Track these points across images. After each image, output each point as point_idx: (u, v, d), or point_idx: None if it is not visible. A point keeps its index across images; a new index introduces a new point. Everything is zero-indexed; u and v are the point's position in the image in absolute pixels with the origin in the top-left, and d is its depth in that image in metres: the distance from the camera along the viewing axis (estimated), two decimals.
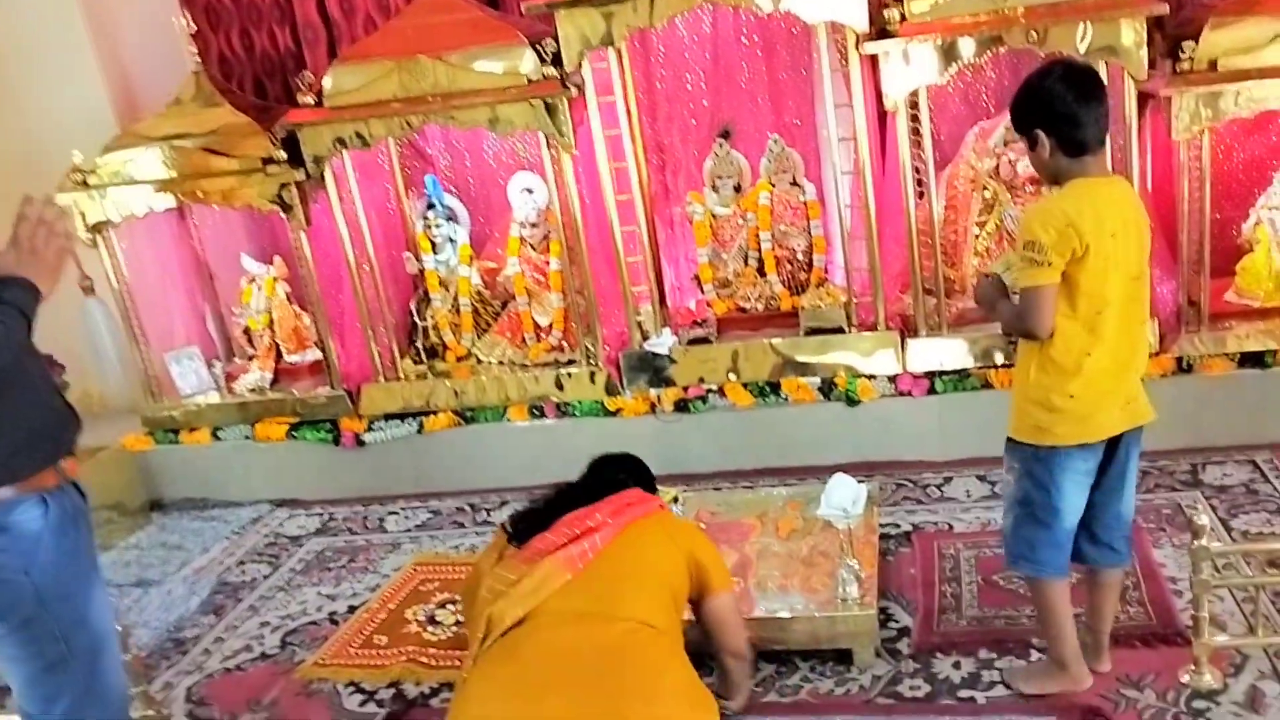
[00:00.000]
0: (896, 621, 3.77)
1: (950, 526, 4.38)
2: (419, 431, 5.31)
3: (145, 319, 5.70)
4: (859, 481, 3.94)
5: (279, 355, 5.77)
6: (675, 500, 4.26)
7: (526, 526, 3.07)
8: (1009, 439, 3.13)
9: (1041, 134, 2.87)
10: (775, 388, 5.04)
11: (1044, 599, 3.17)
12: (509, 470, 5.23)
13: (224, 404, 5.63)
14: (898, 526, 4.43)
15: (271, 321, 5.76)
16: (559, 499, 3.14)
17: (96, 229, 5.51)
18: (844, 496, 3.87)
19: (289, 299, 5.70)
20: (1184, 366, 4.68)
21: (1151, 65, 4.51)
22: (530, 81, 4.90)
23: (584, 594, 2.86)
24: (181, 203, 5.45)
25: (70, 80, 5.96)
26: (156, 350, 5.74)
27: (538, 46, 4.88)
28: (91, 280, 5.57)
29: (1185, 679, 3.24)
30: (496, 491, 5.23)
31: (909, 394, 4.90)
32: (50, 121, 5.95)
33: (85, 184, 5.46)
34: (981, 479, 4.73)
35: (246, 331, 5.82)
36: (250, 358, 5.79)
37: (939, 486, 4.73)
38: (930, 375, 4.90)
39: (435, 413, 5.33)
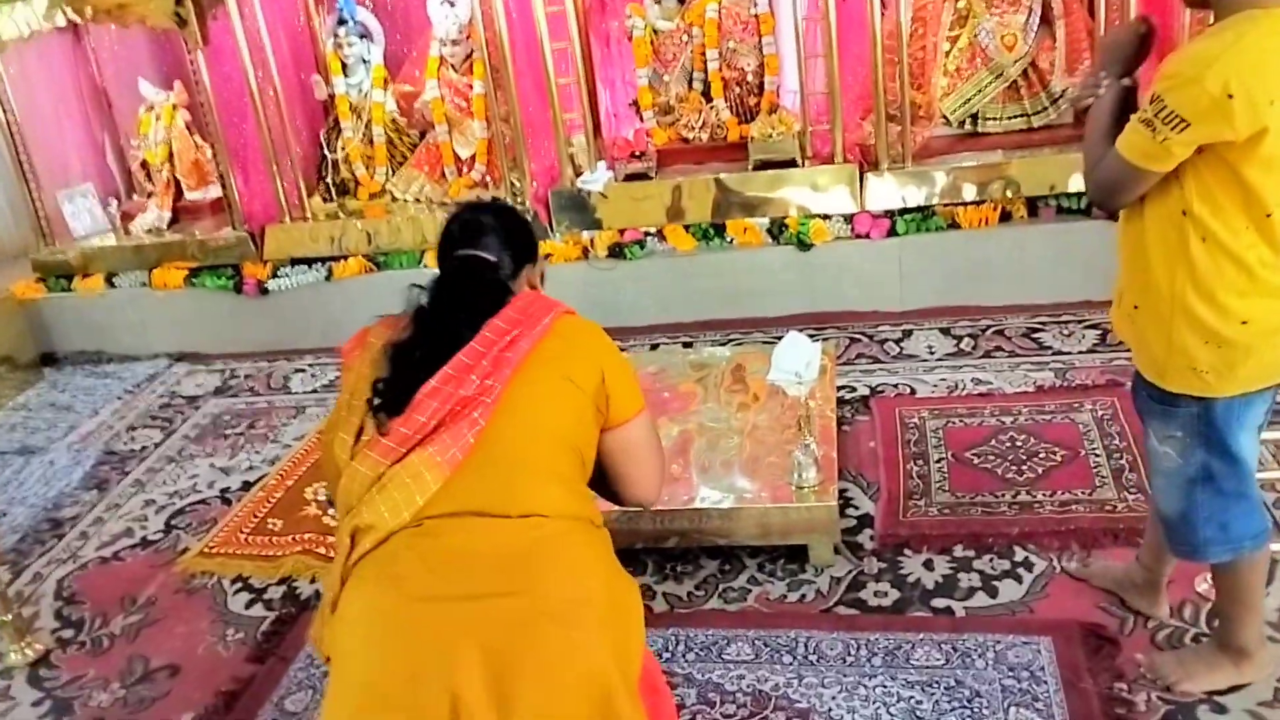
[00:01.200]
0: (856, 508, 2.94)
1: (912, 390, 3.53)
2: (327, 278, 4.38)
3: (36, 153, 4.66)
4: (812, 339, 3.10)
5: (179, 192, 4.74)
6: None
7: (390, 395, 1.93)
8: (1150, 389, 2.02)
9: None
10: (720, 230, 4.13)
11: (1240, 577, 2.12)
12: None
13: (120, 246, 4.64)
14: (853, 390, 3.57)
15: (171, 154, 4.71)
16: (426, 341, 1.90)
17: None
18: (796, 358, 2.97)
19: (189, 129, 4.63)
20: None
21: None
22: None
23: (470, 493, 1.85)
24: (70, 21, 4.32)
25: None
26: (49, 188, 4.69)
27: None
28: None
29: (1202, 588, 2.44)
30: None
31: (867, 236, 4.00)
32: None
33: None
34: (945, 333, 3.87)
35: (144, 165, 4.77)
36: (149, 195, 4.75)
37: (898, 342, 3.87)
38: (890, 214, 4.00)
39: (345, 258, 4.37)
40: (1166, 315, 1.90)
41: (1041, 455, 3.05)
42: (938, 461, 3.09)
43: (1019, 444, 3.13)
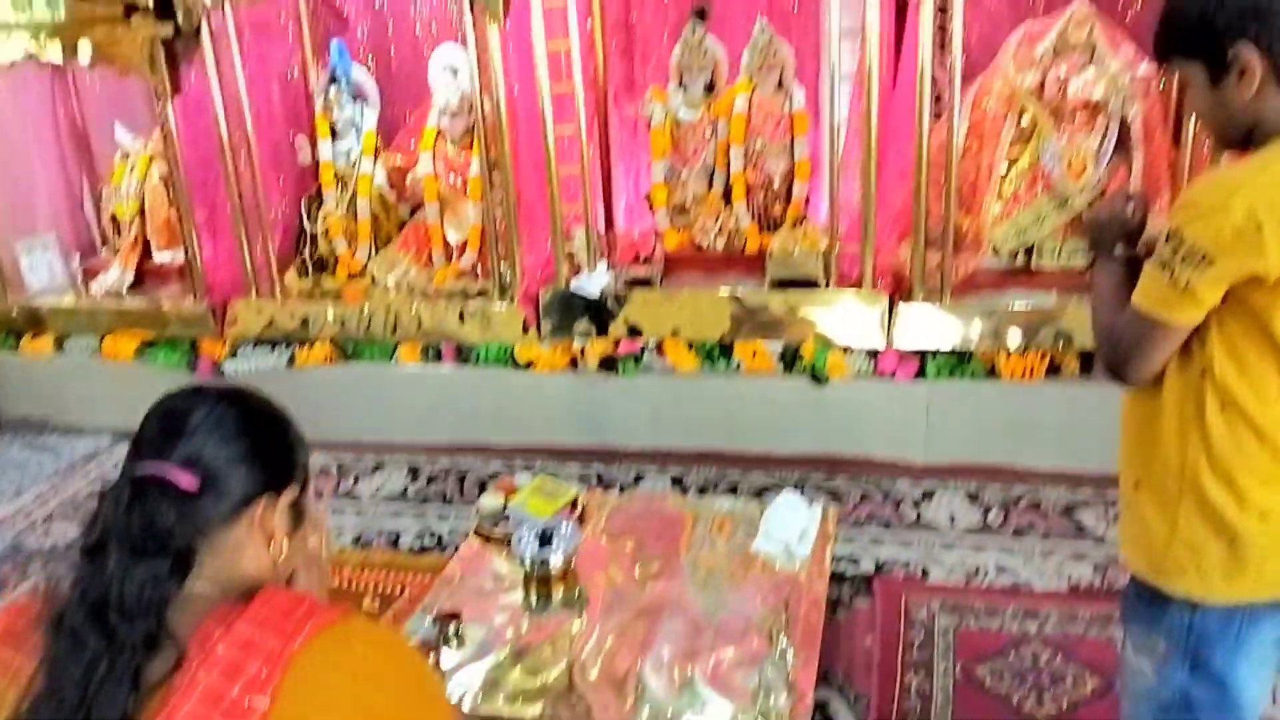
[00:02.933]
0: None
1: (925, 572, 3.04)
2: (289, 364, 4.01)
3: None
4: (811, 502, 2.70)
5: (147, 251, 4.40)
6: (574, 505, 2.90)
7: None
8: (1135, 586, 1.71)
9: (1246, 50, 1.48)
10: (727, 351, 3.70)
11: None
12: (392, 423, 3.96)
13: (74, 308, 4.31)
14: (855, 563, 3.10)
15: (143, 209, 4.37)
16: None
17: None
18: (790, 526, 2.62)
19: (166, 184, 4.29)
20: None
21: None
22: None
23: None
24: (32, 56, 4.03)
25: None
26: (8, 235, 4.39)
27: None
28: None
29: None
30: (373, 449, 3.95)
31: (891, 375, 3.56)
32: None
33: None
34: (972, 499, 3.39)
35: (114, 219, 4.44)
36: (117, 251, 4.42)
37: (916, 504, 3.39)
38: (921, 354, 3.55)
39: (312, 343, 3.99)
40: (1174, 496, 1.60)
41: (1069, 681, 2.57)
42: (943, 675, 2.61)
43: (1043, 662, 2.64)
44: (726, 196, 3.89)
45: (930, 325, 3.54)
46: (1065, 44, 3.48)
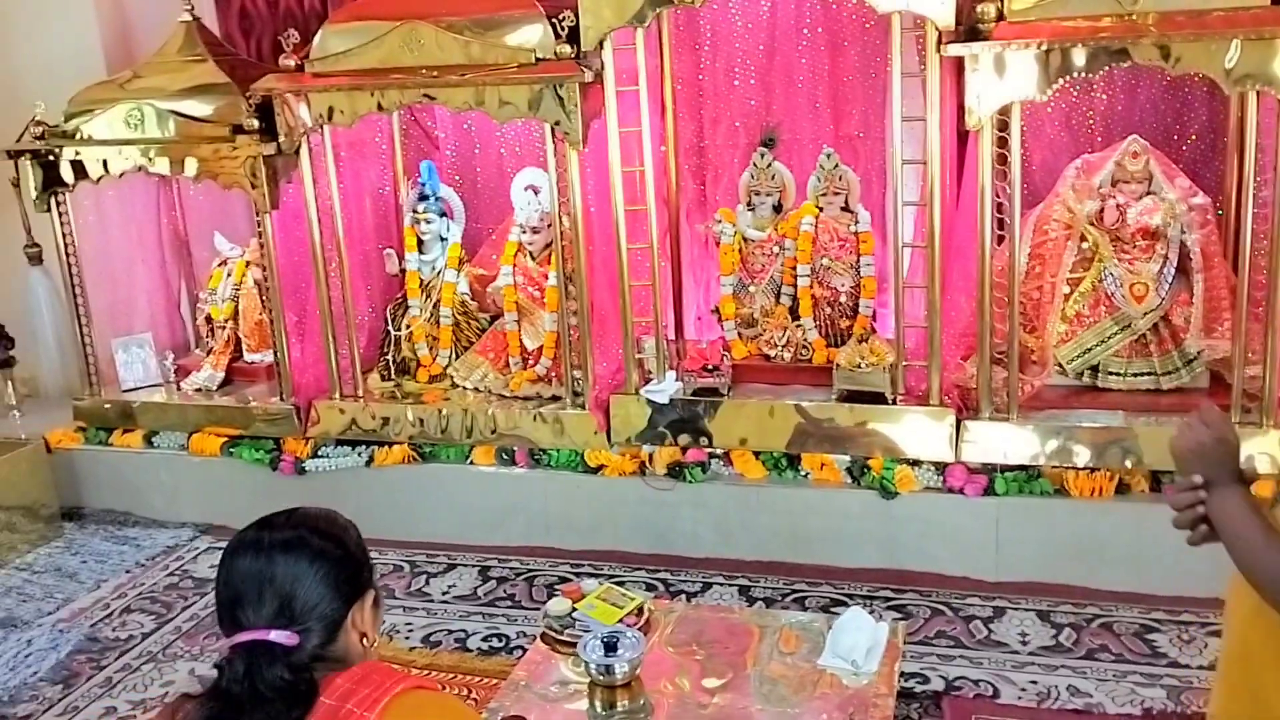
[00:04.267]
0: None
1: (995, 692, 2.93)
2: (368, 464, 4.03)
3: (99, 296, 4.50)
4: (879, 617, 2.64)
5: (239, 351, 4.49)
6: (640, 612, 2.82)
7: None
8: None
9: None
10: (794, 462, 3.68)
11: None
12: (465, 524, 3.94)
13: (164, 404, 4.39)
14: (925, 681, 3.00)
15: (237, 312, 4.47)
16: None
17: (52, 191, 4.27)
18: (857, 642, 2.52)
19: (260, 289, 4.38)
20: None
21: None
22: (539, 60, 3.60)
23: None
24: (141, 167, 4.18)
25: (62, 15, 4.74)
26: (107, 333, 4.50)
27: (554, 20, 3.59)
28: (40, 248, 4.40)
29: None
30: (445, 549, 3.92)
31: (960, 491, 3.49)
32: (37, 62, 4.73)
33: (43, 138, 4.23)
34: (1043, 617, 3.28)
35: (209, 320, 4.54)
36: (210, 351, 4.51)
37: (986, 622, 3.28)
38: (989, 470, 3.49)
39: (391, 444, 4.02)
40: None
41: None
42: None
43: None
44: (793, 311, 3.90)
45: (998, 441, 3.49)
46: (1123, 174, 3.49)
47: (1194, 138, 3.74)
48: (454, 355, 4.23)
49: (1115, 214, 3.48)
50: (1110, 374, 3.55)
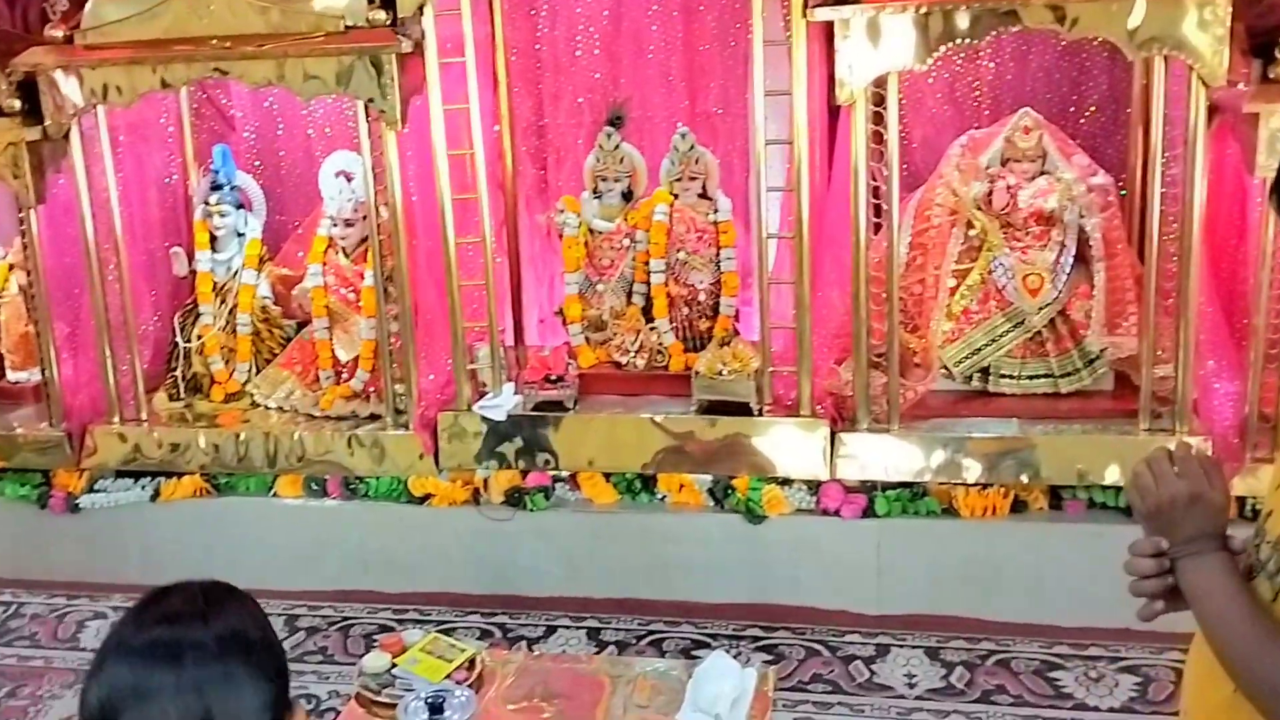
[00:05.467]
0: None
1: None
2: (153, 499, 3.42)
3: None
4: (747, 661, 2.51)
5: (1, 370, 3.74)
6: (471, 665, 2.31)
7: None
8: None
9: None
10: (649, 483, 3.20)
11: None
12: (268, 566, 3.32)
13: None
14: None
15: None
16: None
17: None
18: (720, 691, 2.18)
19: (25, 295, 3.66)
20: (1246, 512, 2.68)
21: (1231, 66, 2.72)
22: (350, 28, 3.09)
23: None
24: None
25: None
26: None
27: None
28: None
29: None
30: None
31: (836, 513, 3.05)
32: None
33: None
34: (932, 655, 2.90)
35: None
36: None
37: (868, 662, 2.88)
38: (868, 488, 3.06)
39: (179, 475, 3.42)
40: None
41: None
42: None
43: None
44: (647, 312, 3.43)
45: (878, 455, 3.05)
46: (1013, 152, 3.08)
47: (1093, 109, 3.37)
48: (254, 370, 3.63)
49: (1005, 197, 3.06)
50: (1003, 377, 3.14)
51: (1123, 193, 3.17)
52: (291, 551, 3.34)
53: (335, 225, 3.50)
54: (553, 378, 3.26)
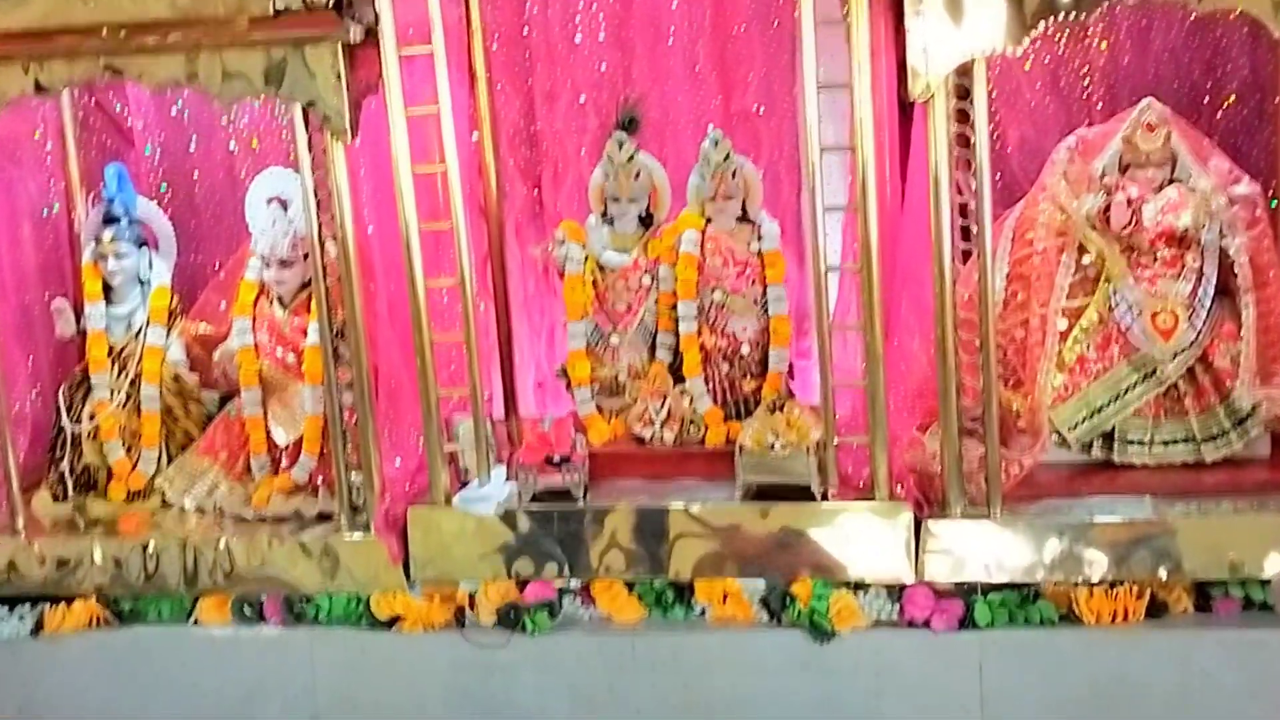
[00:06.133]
0: None
1: None
2: (35, 633, 3.91)
3: None
4: None
5: None
6: None
7: None
8: None
9: None
10: (684, 593, 3.73)
11: None
12: (189, 712, 3.85)
13: None
14: None
15: None
16: None
17: None
18: None
19: None
20: None
21: None
22: (280, 11, 3.58)
23: None
24: None
25: None
26: None
27: None
28: None
29: None
30: None
31: (925, 625, 3.57)
32: None
33: None
34: None
35: None
36: None
37: None
38: (966, 591, 3.57)
39: (69, 599, 3.92)
40: None
41: None
42: None
43: None
44: (676, 370, 3.98)
45: (976, 548, 3.56)
46: (1135, 155, 3.62)
47: (1233, 100, 3.92)
48: (165, 458, 4.17)
49: (1126, 213, 3.59)
50: (1130, 443, 3.66)
51: (1274, 204, 3.68)
52: (218, 698, 3.82)
53: (268, 267, 4.03)
54: (555, 459, 3.77)
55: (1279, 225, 3.72)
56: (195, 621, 3.86)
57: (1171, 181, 3.60)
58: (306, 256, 3.90)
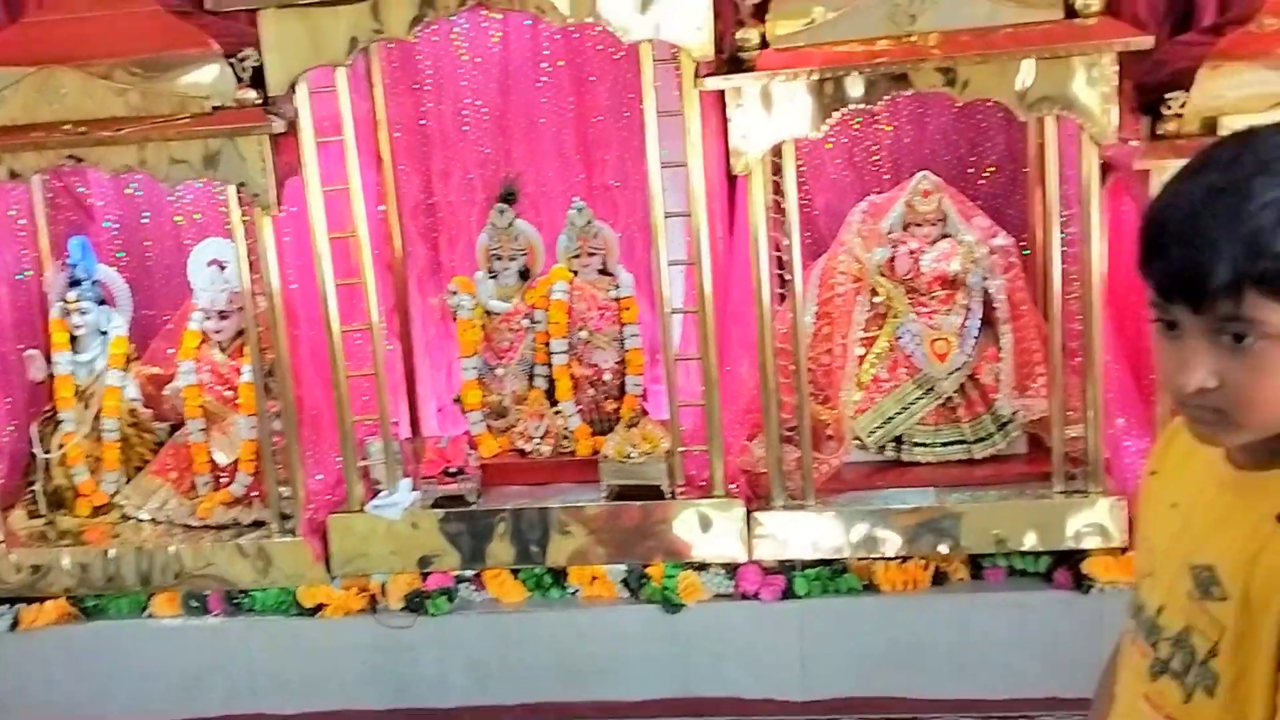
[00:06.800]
0: None
1: None
2: (12, 628, 3.87)
3: None
4: None
5: None
6: None
7: None
8: None
9: None
10: (560, 577, 3.77)
11: None
12: (146, 695, 3.82)
13: None
14: None
15: None
16: None
17: None
18: None
19: None
20: None
21: (1120, 124, 3.40)
22: (217, 109, 3.64)
23: None
24: None
25: None
26: None
27: (233, 60, 3.62)
28: None
29: None
30: None
31: (756, 596, 3.63)
32: None
33: None
34: None
35: None
36: None
37: None
38: (787, 567, 3.65)
39: (42, 600, 3.89)
40: None
41: None
42: None
43: None
44: (551, 395, 4.03)
45: (796, 533, 3.64)
46: (914, 215, 3.75)
47: (992, 170, 4.09)
48: (123, 479, 4.13)
49: (908, 262, 3.71)
50: (916, 445, 3.77)
51: (1025, 252, 3.85)
52: (171, 677, 3.80)
53: (208, 318, 4.02)
54: (452, 470, 3.80)
55: (1030, 270, 3.83)
56: (150, 615, 3.83)
57: (944, 236, 3.72)
58: (241, 309, 3.89)
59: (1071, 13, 3.35)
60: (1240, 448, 1.41)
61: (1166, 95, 3.34)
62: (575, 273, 4.01)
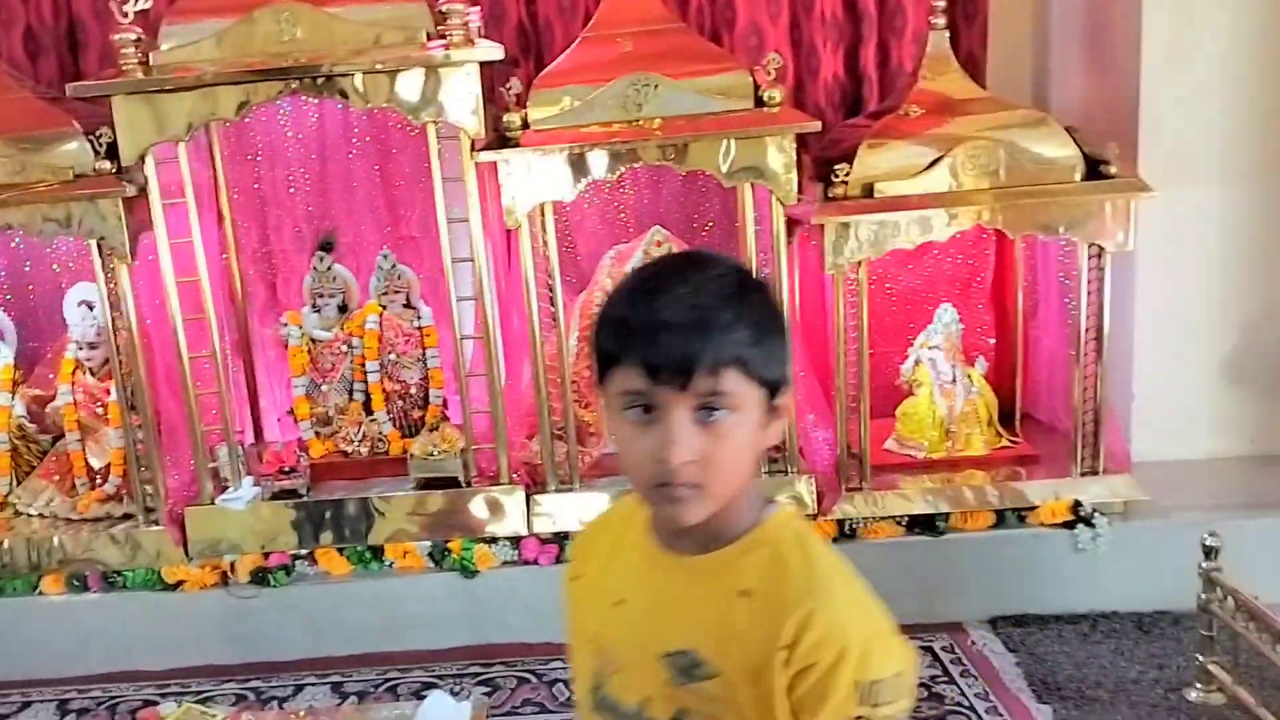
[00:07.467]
0: None
1: None
2: None
3: None
4: (468, 695, 3.39)
5: None
6: None
7: None
8: None
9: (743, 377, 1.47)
10: (378, 553, 4.42)
11: None
12: (38, 659, 4.39)
13: None
14: None
15: None
16: None
17: None
18: None
19: None
20: (846, 531, 4.32)
21: (801, 189, 4.24)
22: (79, 177, 4.21)
23: None
24: None
25: None
26: None
27: (92, 137, 4.21)
28: None
29: None
30: (19, 687, 4.37)
31: (535, 562, 4.35)
32: None
33: None
34: None
35: None
36: None
37: (569, 683, 4.14)
38: (560, 538, 4.38)
39: None
40: None
41: None
42: None
43: None
44: (367, 406, 4.67)
45: (566, 511, 4.37)
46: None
47: (711, 224, 4.84)
48: (15, 482, 4.67)
49: None
50: None
51: None
52: (59, 644, 4.33)
53: (81, 349, 4.61)
54: (286, 469, 4.46)
55: None
56: (40, 593, 4.34)
57: None
58: (106, 341, 4.43)
59: (760, 103, 4.20)
60: (684, 534, 1.49)
61: (835, 166, 4.16)
62: (384, 307, 4.65)
